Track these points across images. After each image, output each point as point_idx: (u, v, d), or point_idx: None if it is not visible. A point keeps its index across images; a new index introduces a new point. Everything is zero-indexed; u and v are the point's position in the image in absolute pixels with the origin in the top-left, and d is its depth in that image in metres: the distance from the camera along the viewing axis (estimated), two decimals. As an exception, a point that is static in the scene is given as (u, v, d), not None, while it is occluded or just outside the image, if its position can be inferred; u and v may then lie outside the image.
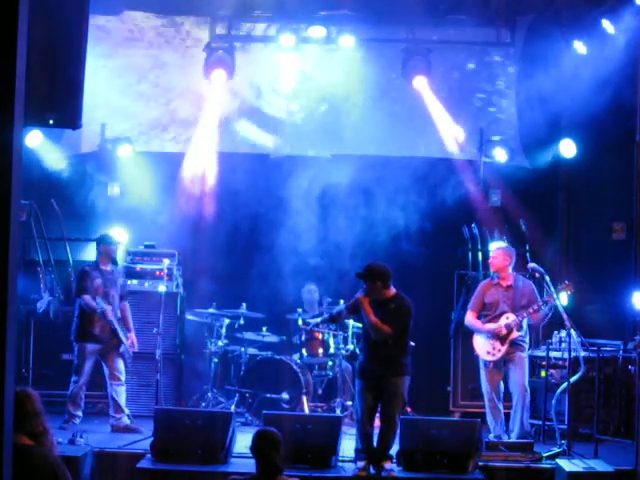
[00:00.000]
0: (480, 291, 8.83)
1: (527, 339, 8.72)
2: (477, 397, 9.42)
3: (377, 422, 7.83)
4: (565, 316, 8.29)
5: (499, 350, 8.53)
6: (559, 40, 10.12)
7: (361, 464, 7.60)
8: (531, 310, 8.54)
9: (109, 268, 9.10)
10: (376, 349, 7.67)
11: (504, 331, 8.52)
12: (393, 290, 7.76)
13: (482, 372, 8.64)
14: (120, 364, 8.94)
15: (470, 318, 8.79)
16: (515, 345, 8.54)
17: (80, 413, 8.85)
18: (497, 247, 9.10)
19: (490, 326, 8.60)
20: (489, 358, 8.57)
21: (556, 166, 10.82)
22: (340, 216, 10.60)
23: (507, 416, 8.64)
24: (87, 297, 8.86)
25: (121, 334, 8.91)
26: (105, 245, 9.11)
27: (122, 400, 8.90)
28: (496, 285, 8.76)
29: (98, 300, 8.82)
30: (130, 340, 9.01)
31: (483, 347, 8.62)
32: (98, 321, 8.86)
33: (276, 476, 5.15)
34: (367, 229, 10.43)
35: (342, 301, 9.96)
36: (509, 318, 8.56)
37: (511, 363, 8.53)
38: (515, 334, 8.54)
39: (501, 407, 8.58)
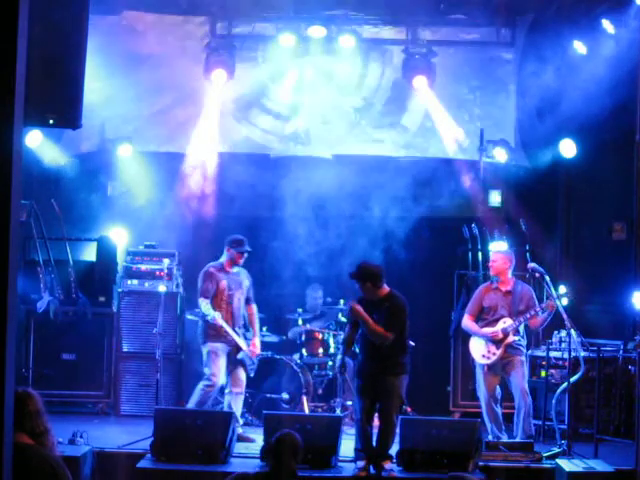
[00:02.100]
0: (479, 295, 8.80)
1: (524, 342, 8.70)
2: (477, 397, 9.42)
3: (376, 422, 7.85)
4: (565, 316, 8.28)
5: (494, 354, 8.51)
6: (559, 40, 10.12)
7: (361, 464, 7.60)
8: (528, 315, 8.51)
9: (235, 270, 8.85)
10: (373, 349, 7.67)
11: (500, 335, 8.50)
12: (386, 289, 7.75)
13: (479, 376, 8.61)
14: (240, 372, 8.73)
15: (467, 321, 8.78)
16: (512, 349, 8.52)
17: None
18: (497, 251, 9.03)
19: (487, 330, 8.58)
20: (484, 361, 8.55)
21: (556, 166, 10.82)
22: (340, 216, 10.60)
23: (506, 416, 8.63)
24: (204, 302, 8.63)
25: (239, 339, 8.68)
26: (236, 252, 8.76)
27: (238, 410, 8.65)
28: (495, 289, 8.74)
29: (207, 306, 8.60)
30: (251, 346, 8.79)
31: (478, 351, 8.61)
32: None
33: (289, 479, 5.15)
34: (367, 228, 10.42)
35: (342, 301, 9.99)
36: (506, 323, 8.54)
37: (510, 368, 8.50)
38: (511, 338, 8.52)
39: (498, 409, 8.55)
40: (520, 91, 10.81)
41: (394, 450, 7.72)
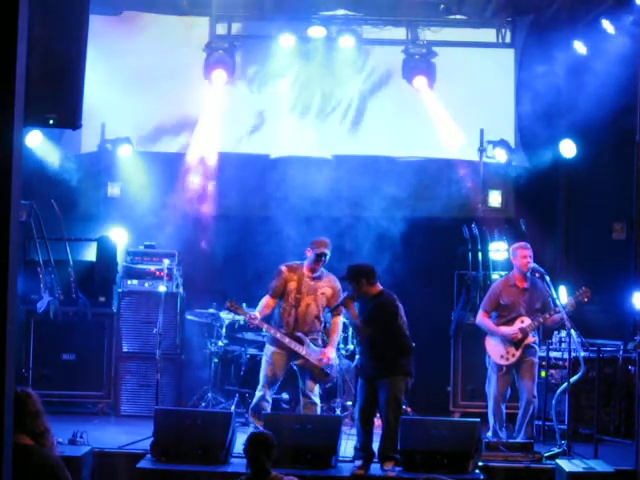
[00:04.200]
0: (496, 292, 8.66)
1: (537, 340, 8.70)
2: (477, 397, 9.42)
3: (377, 422, 7.86)
4: (565, 316, 8.28)
5: (513, 355, 8.45)
6: (559, 40, 10.13)
7: (359, 462, 7.61)
8: (547, 315, 8.46)
9: (316, 274, 8.40)
10: (371, 349, 7.70)
11: (520, 336, 8.43)
12: (379, 287, 7.76)
13: (493, 376, 8.52)
14: (308, 381, 8.37)
15: (482, 319, 8.65)
16: (529, 349, 8.48)
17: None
18: (524, 246, 8.68)
19: (506, 330, 8.49)
20: (503, 362, 8.46)
21: (556, 166, 10.82)
22: (340, 216, 10.60)
23: (509, 416, 8.62)
24: (264, 299, 8.31)
25: (297, 346, 8.26)
26: (313, 249, 8.36)
27: None
28: (512, 286, 8.61)
29: (261, 301, 8.33)
30: (321, 355, 8.30)
31: (497, 351, 8.51)
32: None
33: (265, 478, 5.17)
34: (367, 229, 10.42)
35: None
36: (524, 322, 8.46)
37: (523, 369, 8.46)
38: (530, 339, 8.47)
39: (504, 409, 8.55)
40: (520, 91, 10.82)
41: (393, 450, 7.72)
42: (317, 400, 8.43)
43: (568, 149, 10.58)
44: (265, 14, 10.80)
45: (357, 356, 8.38)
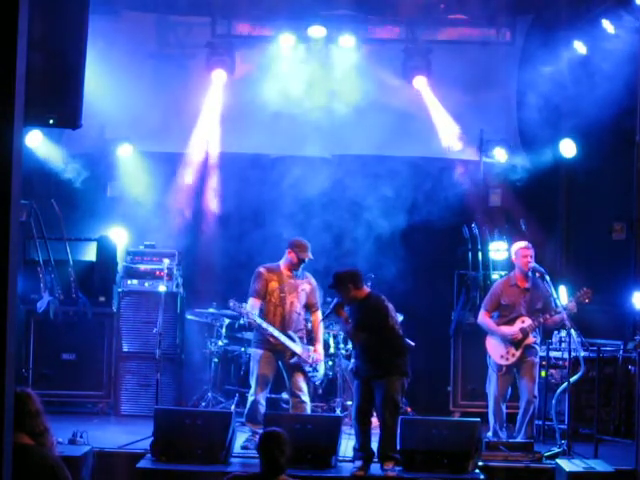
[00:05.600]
0: (497, 291, 8.67)
1: (539, 340, 8.69)
2: (477, 397, 9.42)
3: (375, 422, 7.85)
4: (565, 316, 8.28)
5: (513, 355, 8.45)
6: (559, 40, 10.13)
7: (359, 463, 7.61)
8: (547, 316, 8.46)
9: (292, 273, 8.48)
10: (366, 352, 7.69)
11: (520, 336, 8.43)
12: (366, 290, 7.78)
13: (493, 376, 8.52)
14: (299, 380, 8.34)
15: (484, 318, 8.66)
16: (529, 349, 8.48)
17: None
18: (526, 246, 8.68)
19: (506, 330, 8.49)
20: (503, 362, 8.46)
21: (556, 166, 10.82)
22: (340, 216, 10.60)
23: (509, 416, 8.62)
24: (251, 300, 8.30)
25: (291, 343, 8.28)
26: (297, 253, 8.39)
27: None
28: (513, 286, 8.61)
29: (250, 302, 8.28)
30: (312, 351, 8.38)
31: (497, 350, 8.51)
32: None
33: (278, 475, 5.17)
34: (367, 229, 10.43)
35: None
36: (525, 322, 8.46)
37: (524, 370, 8.46)
38: (531, 339, 8.47)
39: (504, 408, 8.55)
40: (520, 91, 10.81)
41: (392, 450, 7.72)
42: (306, 398, 8.41)
43: (568, 149, 10.58)
44: (265, 14, 10.80)
45: (352, 359, 8.37)
